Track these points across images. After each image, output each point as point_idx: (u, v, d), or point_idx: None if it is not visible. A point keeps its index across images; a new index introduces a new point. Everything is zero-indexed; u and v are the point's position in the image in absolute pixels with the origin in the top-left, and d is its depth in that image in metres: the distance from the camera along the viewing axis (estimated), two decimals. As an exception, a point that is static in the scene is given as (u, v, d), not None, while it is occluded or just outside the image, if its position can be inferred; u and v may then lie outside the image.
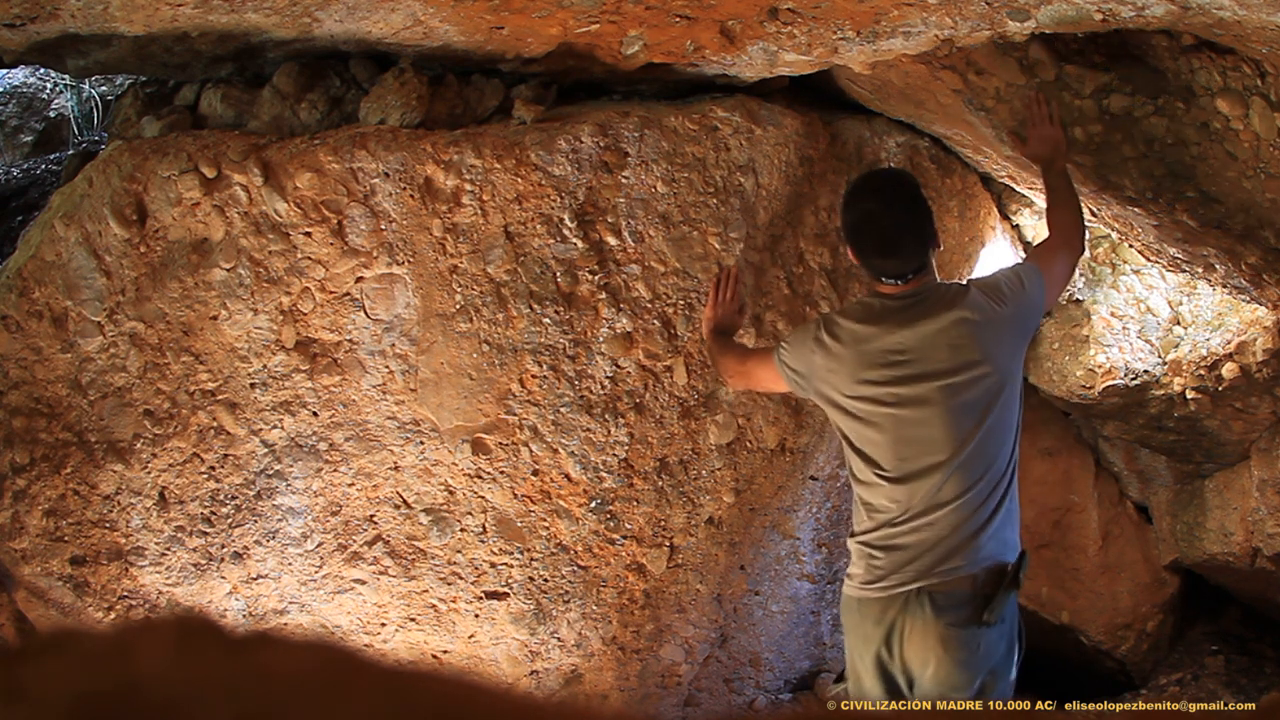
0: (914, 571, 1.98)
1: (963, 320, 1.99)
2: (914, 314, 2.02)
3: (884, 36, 2.11)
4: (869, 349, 2.03)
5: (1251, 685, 3.41)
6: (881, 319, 2.04)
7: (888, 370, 2.01)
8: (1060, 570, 3.74)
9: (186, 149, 2.26)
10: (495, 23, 2.11)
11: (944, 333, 2.00)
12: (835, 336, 2.08)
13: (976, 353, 1.99)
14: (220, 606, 2.47)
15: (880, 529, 2.03)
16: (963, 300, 2.02)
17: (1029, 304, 2.08)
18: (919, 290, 2.04)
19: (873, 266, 2.06)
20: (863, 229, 2.05)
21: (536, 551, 2.55)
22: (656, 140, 2.41)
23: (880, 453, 2.02)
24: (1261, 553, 3.20)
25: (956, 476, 1.97)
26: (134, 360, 2.33)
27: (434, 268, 2.34)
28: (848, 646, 2.15)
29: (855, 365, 2.05)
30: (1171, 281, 3.11)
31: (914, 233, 2.03)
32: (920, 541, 1.98)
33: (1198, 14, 1.86)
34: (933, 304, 2.02)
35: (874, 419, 2.02)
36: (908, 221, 2.02)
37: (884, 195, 2.06)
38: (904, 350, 2.01)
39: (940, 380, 1.98)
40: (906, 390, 1.99)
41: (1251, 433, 3.13)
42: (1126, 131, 2.15)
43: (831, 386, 2.08)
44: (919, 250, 2.04)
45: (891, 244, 2.03)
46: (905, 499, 1.99)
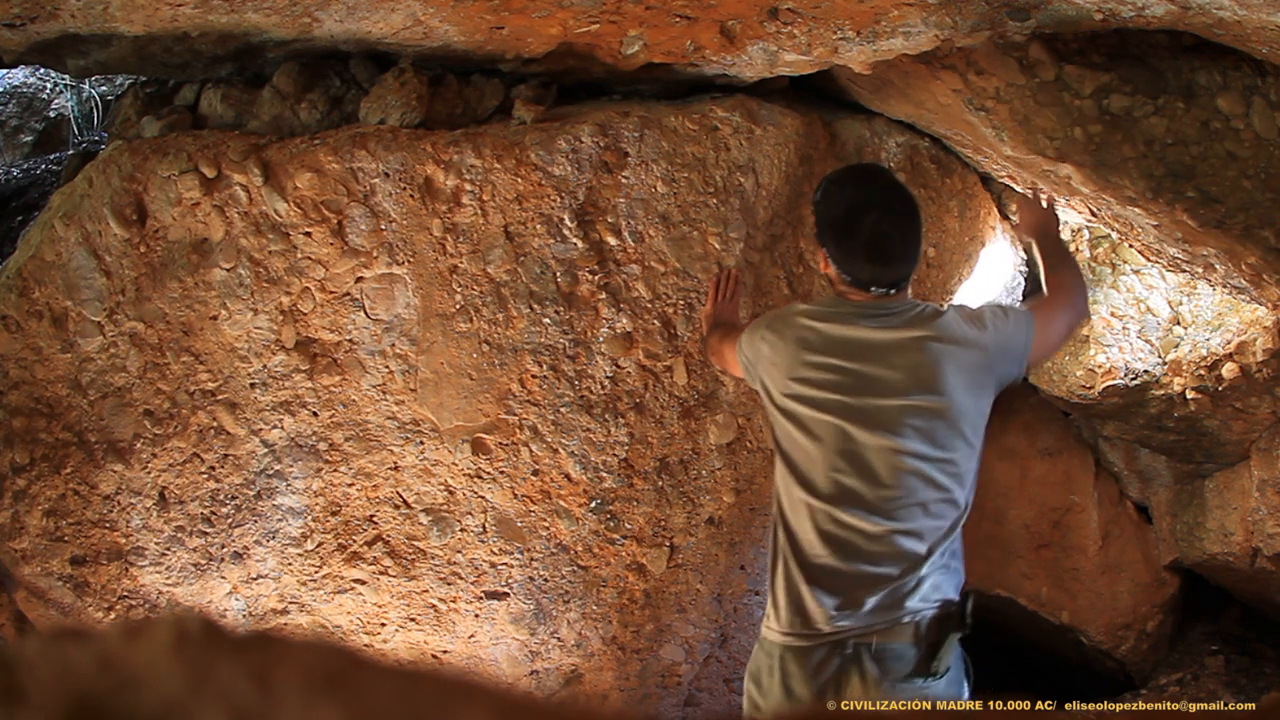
0: (848, 619, 1.74)
1: (927, 342, 1.80)
2: (878, 323, 1.83)
3: (884, 36, 2.11)
4: (815, 342, 1.84)
5: (1251, 685, 3.41)
6: (842, 319, 1.86)
7: (834, 375, 1.81)
8: (1060, 570, 3.74)
9: (186, 149, 2.26)
10: (495, 23, 2.11)
11: (904, 351, 1.80)
12: (788, 326, 1.90)
13: (934, 381, 1.78)
14: (220, 606, 2.47)
15: (806, 562, 1.79)
16: (934, 322, 1.83)
17: (1008, 345, 1.86)
18: (892, 305, 1.85)
19: (854, 272, 1.84)
20: (856, 230, 1.82)
21: (536, 551, 2.55)
22: (656, 140, 2.41)
23: (813, 467, 1.80)
24: (1261, 553, 3.20)
25: (893, 510, 1.75)
26: (134, 360, 2.33)
27: (434, 268, 2.34)
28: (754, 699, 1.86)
29: (794, 359, 1.85)
30: (1171, 281, 3.11)
31: (910, 239, 1.85)
32: (853, 581, 1.75)
33: (1198, 14, 1.87)
34: (901, 319, 1.83)
35: (810, 425, 1.81)
36: (904, 225, 1.84)
37: (878, 192, 1.87)
38: (856, 357, 1.81)
39: (890, 400, 1.78)
40: (854, 401, 1.79)
41: (1251, 433, 3.13)
42: (1126, 131, 2.15)
43: (771, 379, 1.90)
44: (910, 260, 1.86)
45: (884, 251, 1.83)
46: (834, 527, 1.77)
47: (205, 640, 0.40)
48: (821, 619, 1.76)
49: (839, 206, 1.86)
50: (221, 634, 0.41)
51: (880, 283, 1.84)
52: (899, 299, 1.86)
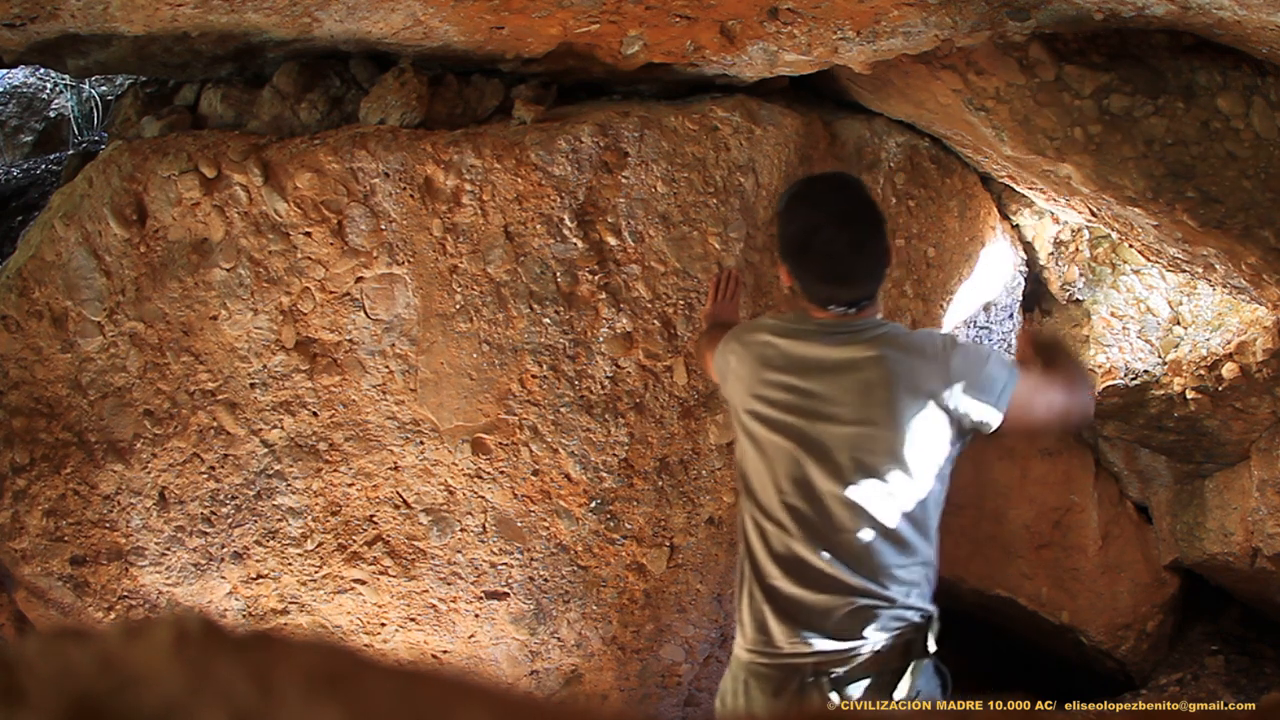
0: (807, 644, 1.71)
1: (884, 368, 1.71)
2: (837, 344, 1.75)
3: (884, 36, 2.11)
4: (776, 359, 1.79)
5: (1251, 685, 3.41)
6: (804, 336, 1.79)
7: (790, 396, 1.76)
8: (1060, 570, 3.74)
9: (186, 149, 2.26)
10: (495, 23, 2.11)
11: (858, 377, 1.72)
12: (753, 341, 1.85)
13: (884, 411, 1.70)
14: (220, 606, 2.47)
15: (765, 583, 1.76)
16: (895, 346, 1.74)
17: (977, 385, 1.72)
18: (856, 324, 1.77)
19: (812, 291, 1.77)
20: (810, 248, 1.75)
21: (536, 551, 2.55)
22: (656, 140, 2.41)
23: (767, 489, 1.77)
24: (1261, 553, 3.20)
25: (841, 545, 1.70)
26: (134, 360, 2.33)
27: (434, 268, 2.34)
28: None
29: (752, 378, 1.81)
30: (1171, 281, 3.11)
31: (871, 256, 1.74)
32: (808, 607, 1.71)
33: (1198, 14, 1.87)
34: (861, 339, 1.75)
35: (766, 446, 1.78)
36: (864, 241, 1.73)
37: (837, 207, 1.75)
38: (812, 379, 1.75)
39: (841, 427, 1.71)
40: (807, 427, 1.73)
41: (1251, 433, 3.13)
42: (1126, 131, 2.15)
43: (734, 394, 1.86)
44: (873, 277, 1.76)
45: (840, 272, 1.74)
46: (788, 552, 1.73)
47: (205, 640, 0.40)
48: (783, 639, 1.72)
49: (795, 223, 1.78)
50: (221, 634, 0.41)
51: (838, 302, 1.76)
52: (863, 317, 1.77)
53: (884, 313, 2.79)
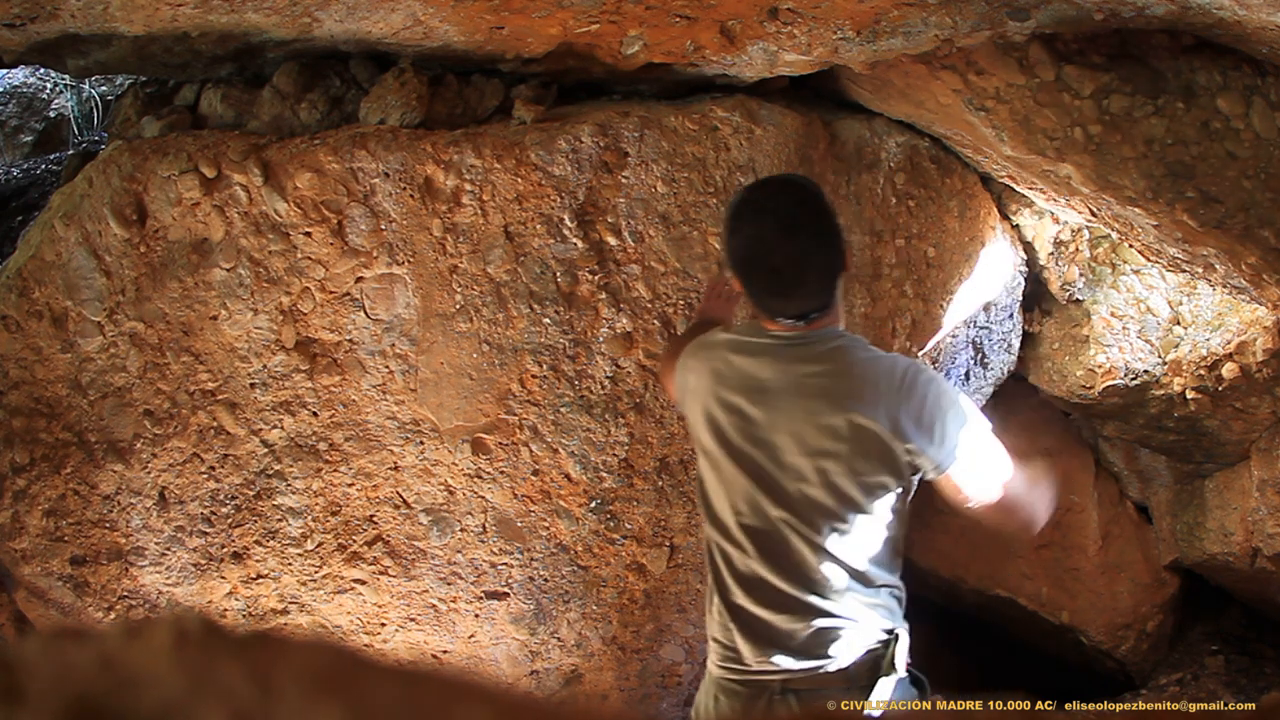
0: (772, 662, 1.69)
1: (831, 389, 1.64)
2: (787, 360, 1.68)
3: (884, 36, 2.11)
4: (729, 377, 1.72)
5: (1251, 685, 3.41)
6: (756, 353, 1.72)
7: (740, 419, 1.70)
8: (1060, 570, 3.74)
9: (186, 149, 2.26)
10: (495, 23, 2.11)
11: (804, 400, 1.65)
12: (710, 356, 1.78)
13: (827, 438, 1.63)
14: (220, 606, 2.47)
15: (729, 601, 1.74)
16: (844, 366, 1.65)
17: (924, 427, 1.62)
18: (810, 336, 1.69)
19: (762, 305, 1.70)
20: (753, 260, 1.66)
21: (536, 551, 2.55)
22: (656, 140, 2.41)
23: (725, 511, 1.74)
24: (1261, 553, 3.20)
25: (794, 573, 1.67)
26: (134, 360, 2.33)
27: (434, 268, 2.34)
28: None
29: (705, 396, 1.75)
30: (1171, 281, 3.11)
31: (818, 267, 1.64)
32: (770, 626, 1.69)
33: (1198, 14, 1.87)
34: (812, 360, 1.67)
35: (721, 468, 1.74)
36: (810, 252, 1.63)
37: (780, 217, 1.64)
38: (761, 401, 1.68)
39: (793, 453, 1.66)
40: (756, 454, 1.69)
41: (1251, 433, 3.13)
42: (1126, 132, 2.15)
43: (691, 413, 1.80)
44: (823, 288, 1.67)
45: (788, 285, 1.65)
46: (748, 572, 1.71)
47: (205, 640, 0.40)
48: (750, 657, 1.71)
49: (738, 234, 1.68)
50: (221, 634, 0.41)
51: (785, 315, 1.68)
52: (815, 329, 1.69)
53: (885, 311, 2.80)
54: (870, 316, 2.79)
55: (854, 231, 2.73)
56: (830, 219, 1.68)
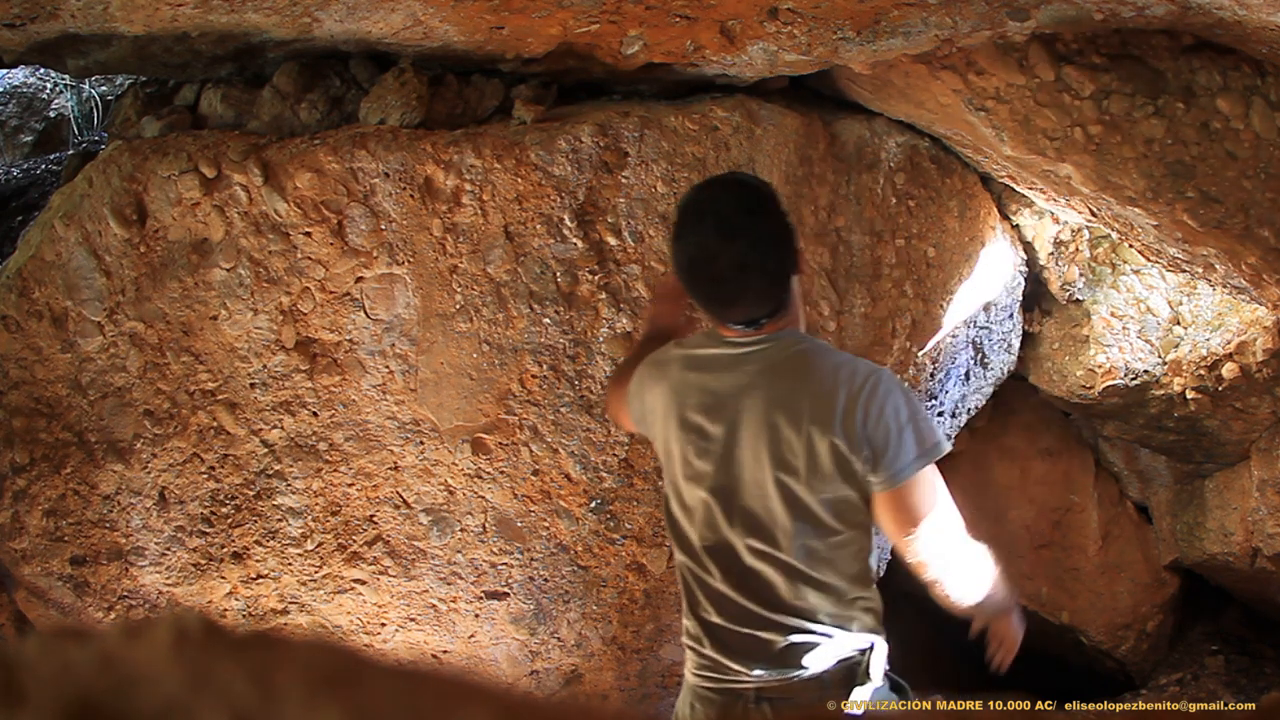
0: (745, 673, 1.67)
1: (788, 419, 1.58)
2: (749, 376, 1.62)
3: (884, 36, 2.11)
4: (687, 397, 1.67)
5: (1251, 685, 3.42)
6: (711, 367, 1.67)
7: (700, 435, 1.66)
8: (1060, 570, 3.74)
9: (186, 149, 2.26)
10: (495, 23, 2.11)
11: (767, 420, 1.59)
12: (667, 373, 1.73)
13: (798, 464, 1.58)
14: (220, 606, 2.47)
15: (699, 615, 1.72)
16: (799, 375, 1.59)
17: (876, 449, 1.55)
18: (762, 344, 1.63)
19: (710, 312, 1.66)
20: (694, 268, 1.59)
21: (536, 551, 2.55)
22: (656, 140, 2.41)
23: (691, 533, 1.70)
24: (1261, 553, 3.20)
25: (761, 593, 1.64)
26: (134, 360, 2.33)
27: (434, 268, 2.34)
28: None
29: (666, 416, 1.71)
30: (1171, 281, 3.12)
31: (761, 273, 1.57)
32: (741, 640, 1.67)
33: (1198, 14, 1.87)
34: (763, 368, 1.61)
35: (684, 492, 1.70)
36: (753, 258, 1.56)
37: (720, 221, 1.57)
38: (721, 418, 1.64)
39: (751, 472, 1.61)
40: (716, 468, 1.64)
41: (1251, 433, 3.13)
42: (1126, 132, 2.15)
43: (655, 435, 1.76)
44: (769, 294, 1.60)
45: (730, 293, 1.60)
46: (715, 591, 1.68)
47: (205, 640, 0.40)
48: (724, 666, 1.70)
49: (679, 240, 1.61)
50: (221, 634, 0.41)
51: (733, 321, 1.63)
52: (768, 333, 1.63)
53: (885, 312, 2.80)
54: (870, 316, 2.79)
55: (854, 231, 2.73)
56: (774, 220, 1.60)
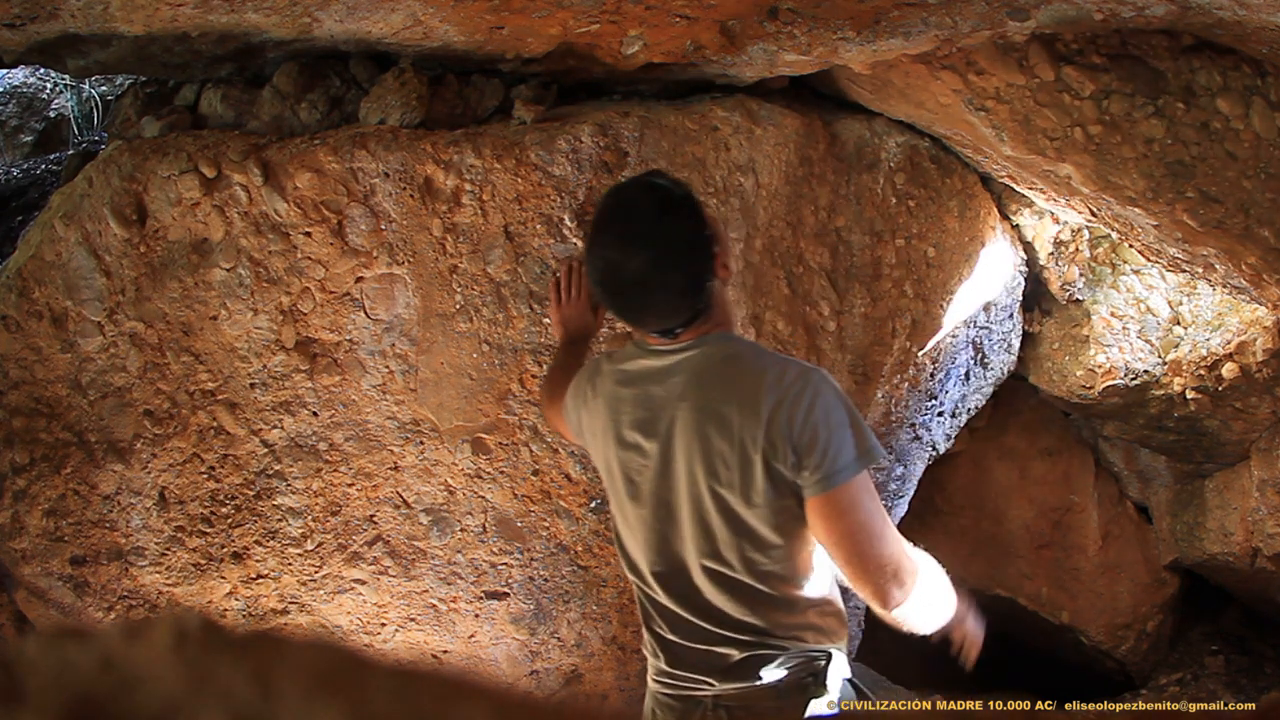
0: (701, 683, 1.66)
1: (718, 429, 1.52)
2: (677, 387, 1.58)
3: (884, 36, 2.11)
4: (621, 413, 1.64)
5: (1251, 685, 3.42)
6: (641, 382, 1.63)
7: (637, 453, 1.62)
8: (1060, 570, 3.74)
9: (186, 149, 2.26)
10: (495, 23, 2.11)
11: (698, 432, 1.54)
12: (596, 390, 1.70)
13: (731, 475, 1.52)
14: (220, 606, 2.47)
15: (651, 628, 1.72)
16: (719, 381, 1.54)
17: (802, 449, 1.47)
18: (689, 349, 1.59)
19: (626, 323, 1.64)
20: (602, 278, 1.56)
21: (536, 551, 2.55)
22: (656, 140, 2.41)
23: (636, 551, 1.68)
24: (1261, 553, 3.20)
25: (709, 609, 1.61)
26: (134, 360, 2.33)
27: (434, 268, 2.34)
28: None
29: (605, 435, 1.67)
30: (1171, 281, 3.12)
31: (668, 283, 1.52)
32: (694, 654, 1.66)
33: (1198, 14, 1.87)
34: (703, 385, 1.56)
35: (627, 510, 1.67)
36: (657, 267, 1.51)
37: (624, 230, 1.53)
38: (655, 433, 1.60)
39: (689, 486, 1.57)
40: (656, 484, 1.61)
41: (1251, 433, 3.13)
42: (1126, 132, 2.15)
43: (595, 452, 1.73)
44: (680, 304, 1.55)
45: (637, 301, 1.56)
46: (665, 607, 1.67)
47: (205, 640, 0.40)
48: (680, 677, 1.70)
49: (589, 251, 1.59)
50: (221, 634, 0.41)
51: (648, 330, 1.60)
52: (691, 339, 1.59)
53: (885, 311, 2.80)
54: (870, 316, 2.80)
55: (854, 231, 2.73)
56: (683, 226, 1.54)
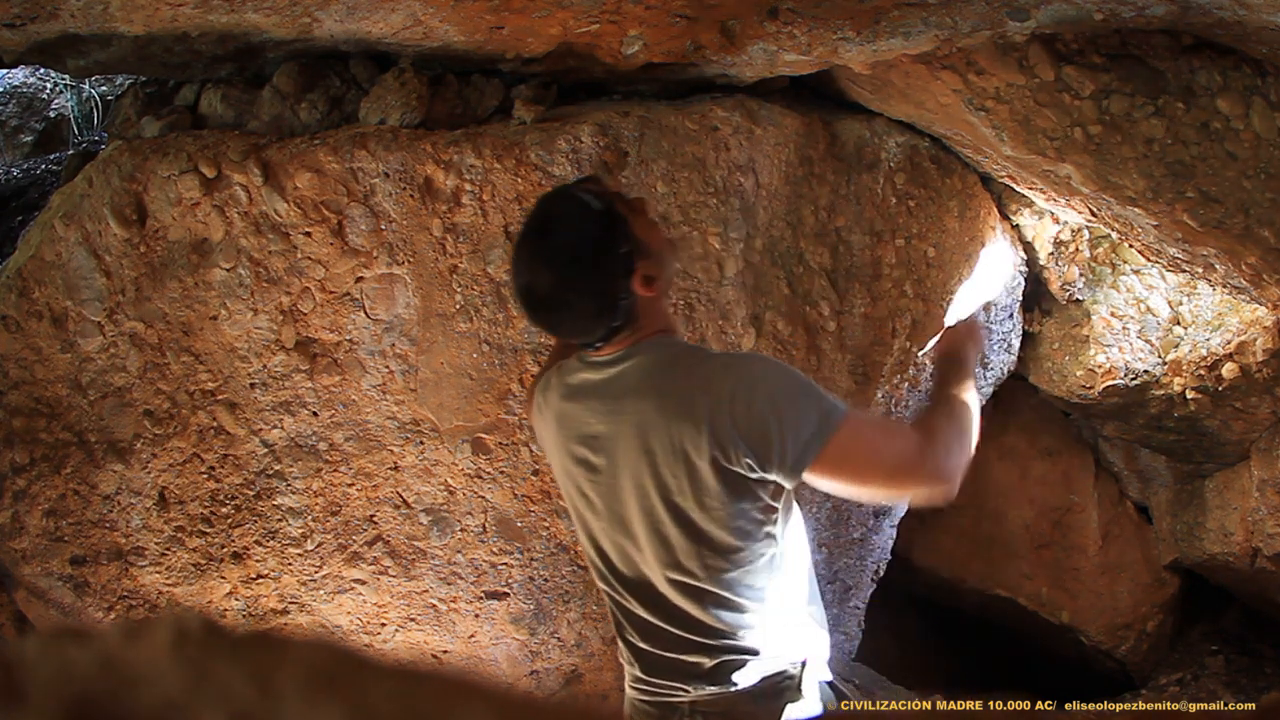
0: (676, 689, 1.64)
1: (660, 428, 1.49)
2: (616, 396, 1.56)
3: (884, 36, 2.11)
4: (570, 429, 1.63)
5: (1251, 685, 3.42)
6: (583, 395, 1.61)
7: (590, 466, 1.61)
8: (1060, 570, 3.74)
9: (186, 149, 2.26)
10: (495, 23, 2.11)
11: (641, 435, 1.51)
12: (547, 403, 1.69)
13: (680, 475, 1.49)
14: (220, 606, 2.47)
15: (624, 636, 1.70)
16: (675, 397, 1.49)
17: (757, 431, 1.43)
18: (623, 359, 1.56)
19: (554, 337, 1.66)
20: (520, 299, 1.55)
21: (536, 551, 2.55)
22: (656, 140, 2.41)
23: (600, 559, 1.67)
24: (1261, 553, 3.20)
25: (674, 616, 1.59)
26: (134, 360, 2.33)
27: (434, 268, 2.34)
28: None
29: (558, 450, 1.67)
30: (1171, 281, 3.12)
31: (580, 297, 1.50)
32: (666, 661, 1.64)
33: (1198, 14, 1.87)
34: (639, 388, 1.53)
35: (588, 521, 1.66)
36: (567, 282, 1.49)
37: (533, 249, 1.52)
38: (602, 444, 1.58)
39: (643, 491, 1.54)
40: (611, 495, 1.59)
41: (1251, 433, 3.13)
42: (1126, 132, 2.15)
43: (553, 462, 1.72)
44: (597, 318, 1.52)
45: (552, 319, 1.56)
46: (634, 615, 1.65)
47: (205, 640, 0.40)
48: (655, 684, 1.68)
49: (511, 261, 1.58)
50: (221, 634, 0.41)
51: (579, 344, 1.61)
52: (621, 348, 1.57)
53: (885, 312, 2.80)
54: (870, 316, 2.80)
55: (854, 231, 2.73)
56: (594, 244, 1.50)
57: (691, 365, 1.52)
